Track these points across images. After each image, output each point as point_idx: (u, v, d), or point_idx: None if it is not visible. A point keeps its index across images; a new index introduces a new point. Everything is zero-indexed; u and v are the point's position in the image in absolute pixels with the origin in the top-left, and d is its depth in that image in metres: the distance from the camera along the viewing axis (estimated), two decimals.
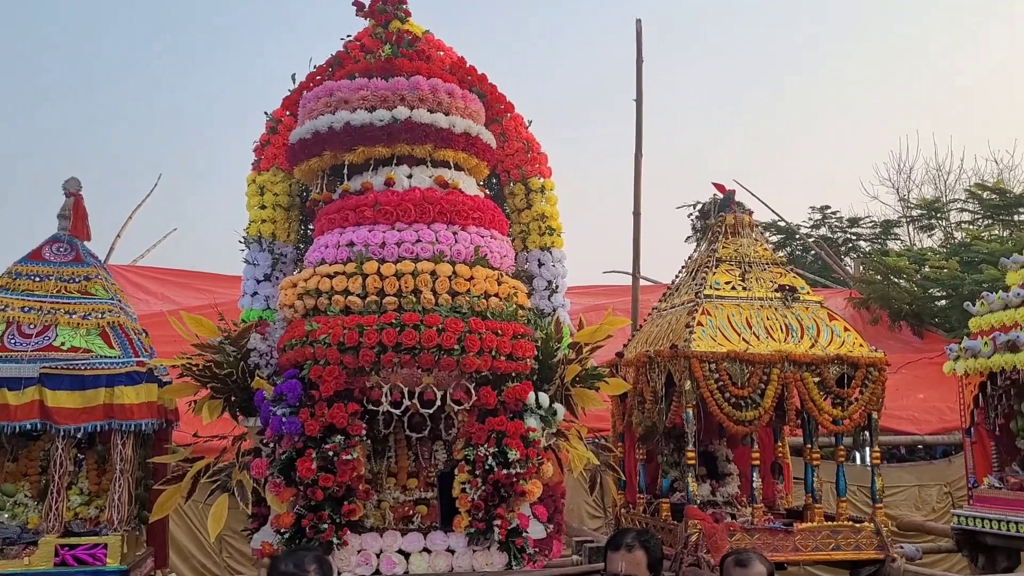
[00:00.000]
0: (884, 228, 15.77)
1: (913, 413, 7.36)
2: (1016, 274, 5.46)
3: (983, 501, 5.35)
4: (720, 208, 4.97)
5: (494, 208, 4.37)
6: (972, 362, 5.39)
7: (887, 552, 4.20)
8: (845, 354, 4.43)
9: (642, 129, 7.26)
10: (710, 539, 4.04)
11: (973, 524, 5.31)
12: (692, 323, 4.41)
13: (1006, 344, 5.09)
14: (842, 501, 4.51)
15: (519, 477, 3.68)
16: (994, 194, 11.68)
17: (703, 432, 4.84)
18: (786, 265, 4.88)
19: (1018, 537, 4.98)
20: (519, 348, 3.82)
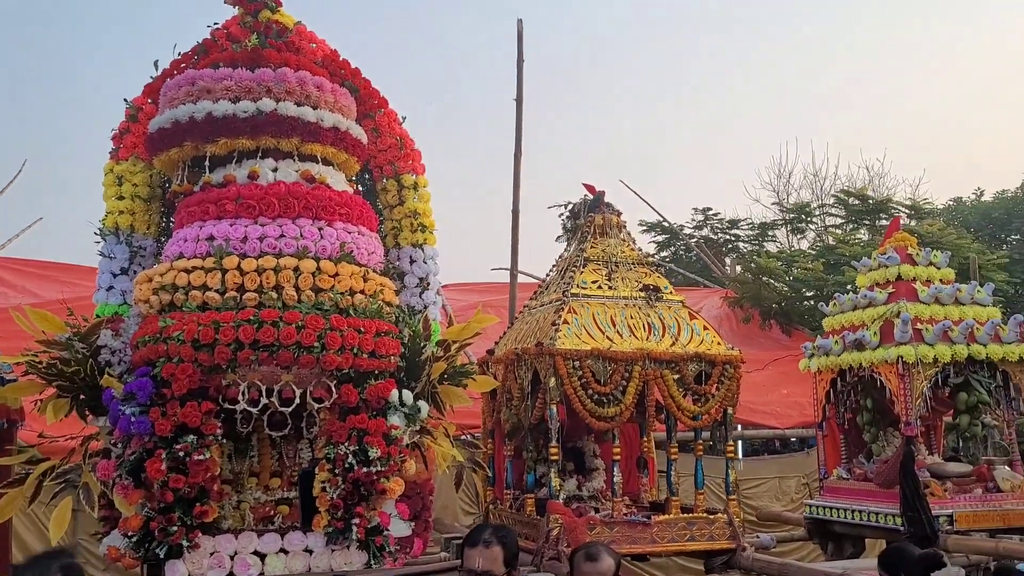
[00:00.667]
0: (761, 230, 16.45)
1: (776, 408, 7.71)
2: (865, 277, 5.80)
3: (832, 491, 5.66)
4: (590, 209, 5.07)
5: (363, 204, 4.34)
6: (824, 360, 5.70)
7: (738, 542, 4.40)
8: (704, 352, 4.60)
9: (522, 128, 7.37)
10: (571, 533, 4.13)
11: (823, 513, 5.62)
12: (558, 321, 4.49)
13: (854, 343, 5.39)
14: (699, 494, 4.69)
15: (380, 475, 3.67)
16: (858, 200, 12.36)
17: (572, 428, 4.94)
18: (651, 265, 5.04)
19: (862, 525, 5.30)
20: (382, 345, 3.81)
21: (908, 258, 5.59)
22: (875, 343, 5.25)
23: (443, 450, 4.17)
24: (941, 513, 4.85)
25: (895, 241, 5.74)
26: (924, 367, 5.05)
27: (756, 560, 4.26)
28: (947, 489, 5.03)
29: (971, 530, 4.85)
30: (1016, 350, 5.17)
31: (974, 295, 5.42)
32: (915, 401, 5.02)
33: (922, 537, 4.79)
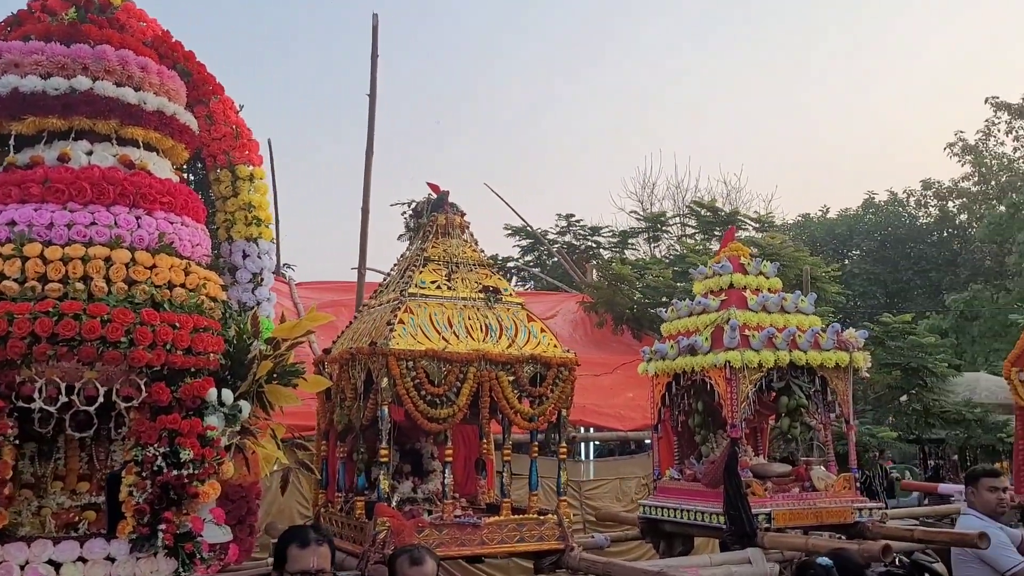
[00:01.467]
0: (622, 238, 16.92)
1: (620, 411, 7.90)
2: (701, 284, 6.01)
3: (664, 492, 5.84)
4: (433, 208, 5.03)
5: (188, 193, 4.13)
6: (660, 364, 5.87)
7: (567, 542, 4.44)
8: (539, 354, 4.64)
9: (374, 126, 7.25)
10: (398, 536, 4.06)
11: (655, 513, 5.78)
12: (393, 321, 4.42)
13: (687, 348, 5.58)
14: (533, 495, 4.72)
15: (193, 478, 3.49)
16: (709, 212, 12.88)
17: (411, 430, 4.87)
18: (492, 267, 5.03)
19: (690, 524, 5.48)
20: (201, 342, 3.63)
21: (740, 267, 5.83)
22: (707, 348, 5.44)
23: (267, 452, 4.03)
24: (760, 511, 5.07)
25: (729, 251, 5.98)
26: (750, 371, 5.27)
27: (583, 560, 4.32)
28: (767, 488, 5.26)
29: (787, 527, 5.10)
30: (833, 357, 5.47)
31: (798, 304, 5.71)
32: (740, 404, 5.23)
33: (741, 535, 5.00)
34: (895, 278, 34.06)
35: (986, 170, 32.10)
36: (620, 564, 4.14)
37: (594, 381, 8.79)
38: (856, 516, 5.33)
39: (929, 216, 36.02)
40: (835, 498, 5.37)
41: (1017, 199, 26.38)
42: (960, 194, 33.74)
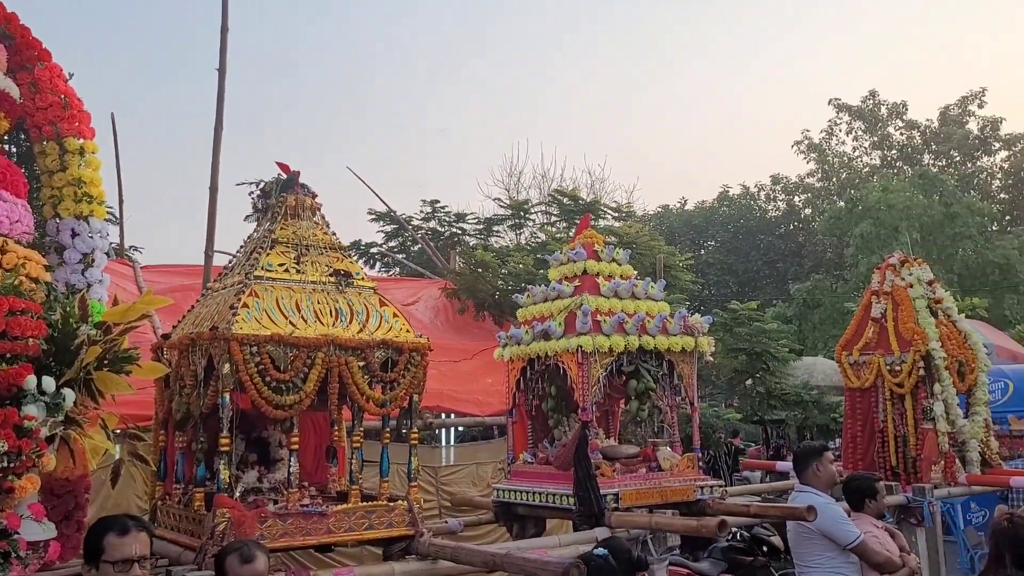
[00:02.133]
0: (487, 225, 16.98)
1: (479, 396, 7.93)
2: (556, 270, 6.09)
3: (517, 475, 5.90)
4: (283, 188, 4.86)
5: (7, 165, 3.83)
6: (516, 349, 5.92)
7: (417, 528, 4.41)
8: (391, 339, 4.57)
9: (223, 101, 6.93)
10: (239, 527, 3.92)
11: (508, 496, 5.84)
12: (237, 305, 4.24)
13: (541, 333, 5.65)
14: (384, 482, 4.65)
15: (8, 471, 3.25)
16: (571, 200, 13.12)
17: (257, 418, 4.70)
18: (344, 250, 4.91)
19: (542, 506, 5.56)
20: (18, 326, 3.38)
21: (594, 254, 5.94)
22: (560, 333, 5.52)
23: (96, 444, 3.80)
24: (609, 492, 5.20)
25: (584, 238, 6.09)
26: (601, 356, 5.39)
27: (432, 545, 4.29)
28: (616, 469, 5.40)
29: (634, 506, 5.25)
30: (680, 342, 5.67)
31: (648, 291, 5.88)
32: (592, 388, 5.34)
33: (590, 515, 5.11)
34: (746, 268, 35.83)
35: (828, 167, 34.18)
36: (468, 548, 4.14)
37: (453, 367, 8.80)
38: (698, 494, 5.56)
39: (777, 210, 38.05)
40: (679, 477, 5.57)
41: (855, 195, 28.25)
42: (805, 189, 35.80)
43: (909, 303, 7.35)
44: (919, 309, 7.30)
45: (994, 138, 31.21)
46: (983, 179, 31.41)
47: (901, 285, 7.51)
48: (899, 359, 7.23)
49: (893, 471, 7.17)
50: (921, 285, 7.47)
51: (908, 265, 7.63)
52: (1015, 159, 30.63)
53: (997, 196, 30.64)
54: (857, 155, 34.30)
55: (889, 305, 7.51)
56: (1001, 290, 23.97)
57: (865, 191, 27.11)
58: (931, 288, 7.54)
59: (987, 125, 31.28)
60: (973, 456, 7.20)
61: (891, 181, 26.73)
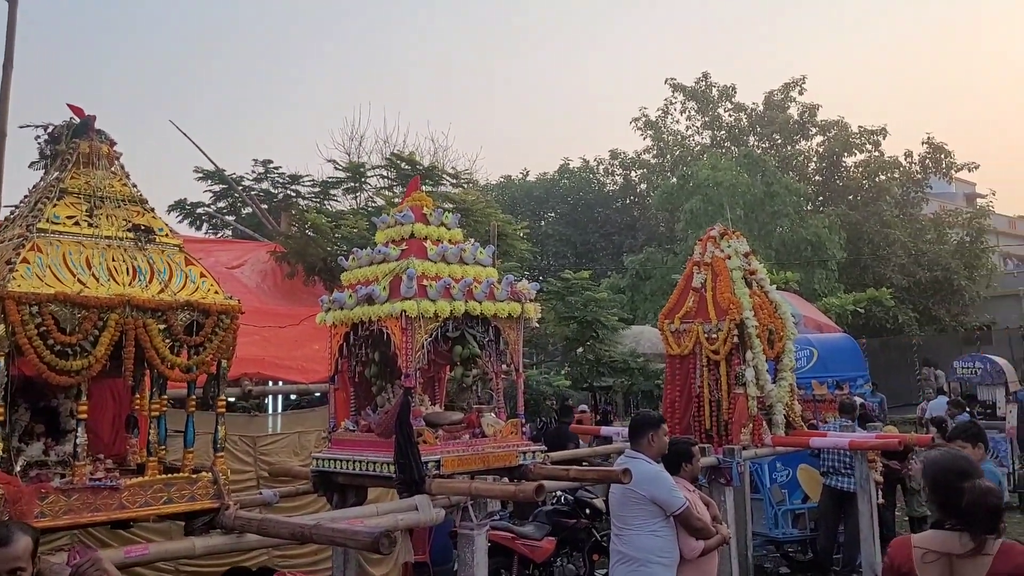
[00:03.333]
0: (323, 188, 16.42)
1: (303, 363, 7.65)
2: (383, 233, 5.91)
3: (338, 443, 5.72)
4: (75, 134, 4.39)
5: None
6: (339, 313, 5.71)
7: (222, 500, 4.16)
8: (197, 300, 4.25)
9: (14, 36, 6.20)
10: (15, 504, 3.54)
11: (328, 465, 5.65)
12: (15, 260, 3.81)
13: (365, 297, 5.46)
14: (188, 452, 4.34)
15: None
16: (408, 165, 12.87)
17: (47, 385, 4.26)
18: (146, 204, 4.52)
19: (362, 475, 5.41)
20: None
21: (423, 217, 5.80)
22: (384, 297, 5.36)
23: None
24: (430, 459, 5.12)
25: (412, 201, 5.93)
26: (426, 321, 5.27)
27: (238, 518, 4.06)
28: (438, 436, 5.33)
29: (456, 473, 5.20)
30: (506, 307, 5.64)
31: (476, 256, 5.81)
32: (416, 354, 5.23)
33: (410, 482, 5.02)
34: (584, 240, 36.81)
35: (664, 145, 35.48)
36: (275, 519, 3.95)
37: (279, 333, 8.44)
38: (520, 459, 5.58)
39: (615, 184, 39.26)
40: (502, 443, 5.57)
41: (686, 172, 29.49)
42: (641, 165, 37.06)
43: (727, 274, 7.68)
44: (735, 280, 7.66)
45: (811, 123, 33.39)
46: (800, 161, 33.56)
47: (720, 256, 7.85)
48: (716, 327, 7.56)
49: (707, 434, 7.52)
50: (738, 257, 7.83)
51: (727, 237, 7.98)
52: (829, 144, 32.88)
53: (812, 178, 32.84)
54: (690, 134, 35.80)
55: (709, 275, 7.82)
56: (812, 265, 25.79)
57: (696, 168, 28.34)
58: (747, 260, 7.92)
59: (806, 111, 33.41)
60: (779, 419, 7.66)
61: (719, 160, 28.06)
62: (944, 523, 3.25)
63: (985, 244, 32.90)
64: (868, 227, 30.03)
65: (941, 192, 39.71)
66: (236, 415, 7.26)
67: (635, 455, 5.36)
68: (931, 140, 32.88)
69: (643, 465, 5.25)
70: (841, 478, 9.32)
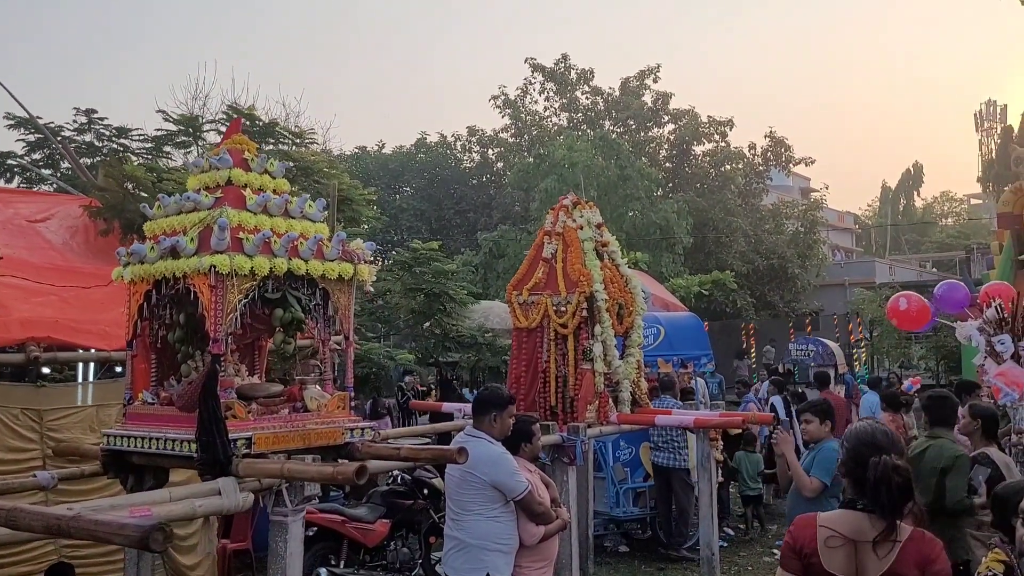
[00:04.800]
0: (156, 144, 15.07)
1: (107, 328, 6.73)
2: (195, 179, 5.16)
3: (135, 418, 4.96)
4: None
5: None
6: (139, 268, 4.94)
7: None
8: None
9: None
10: None
11: (121, 444, 4.88)
12: None
13: (169, 249, 4.73)
14: None
15: None
16: (246, 120, 11.89)
17: None
18: None
19: (160, 454, 4.69)
20: None
21: (243, 163, 5.09)
22: (191, 250, 4.65)
23: None
24: (240, 436, 4.47)
25: (232, 143, 5.21)
26: (240, 279, 4.60)
27: None
28: (251, 411, 4.69)
29: (271, 452, 4.58)
30: (336, 268, 5.05)
31: (305, 209, 5.17)
32: (227, 316, 4.55)
33: (214, 463, 4.36)
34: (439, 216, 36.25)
35: (521, 124, 35.40)
36: (27, 509, 3.22)
37: (81, 295, 7.45)
38: (347, 437, 5.01)
39: (472, 161, 38.87)
40: (327, 419, 4.98)
41: (543, 152, 29.48)
42: (499, 144, 36.85)
43: (578, 244, 7.37)
44: (587, 251, 7.35)
45: (664, 111, 34.19)
46: (653, 148, 34.32)
47: (572, 226, 7.52)
48: (565, 299, 7.24)
49: (552, 410, 7.21)
50: (590, 227, 7.53)
51: (580, 207, 7.66)
52: (680, 131, 33.76)
53: (663, 164, 33.64)
54: (548, 115, 35.88)
55: (560, 246, 7.49)
56: (660, 249, 26.36)
57: (552, 148, 28.34)
58: (599, 231, 7.64)
59: (659, 98, 34.17)
60: (625, 396, 7.44)
61: (576, 141, 28.17)
62: (856, 502, 2.92)
63: (817, 235, 34.77)
64: (713, 214, 31.07)
65: (779, 184, 41.75)
66: (18, 385, 6.30)
67: (476, 434, 4.90)
68: (773, 134, 34.45)
69: (484, 445, 4.80)
70: (661, 453, 9.30)
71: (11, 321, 6.13)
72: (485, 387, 5.41)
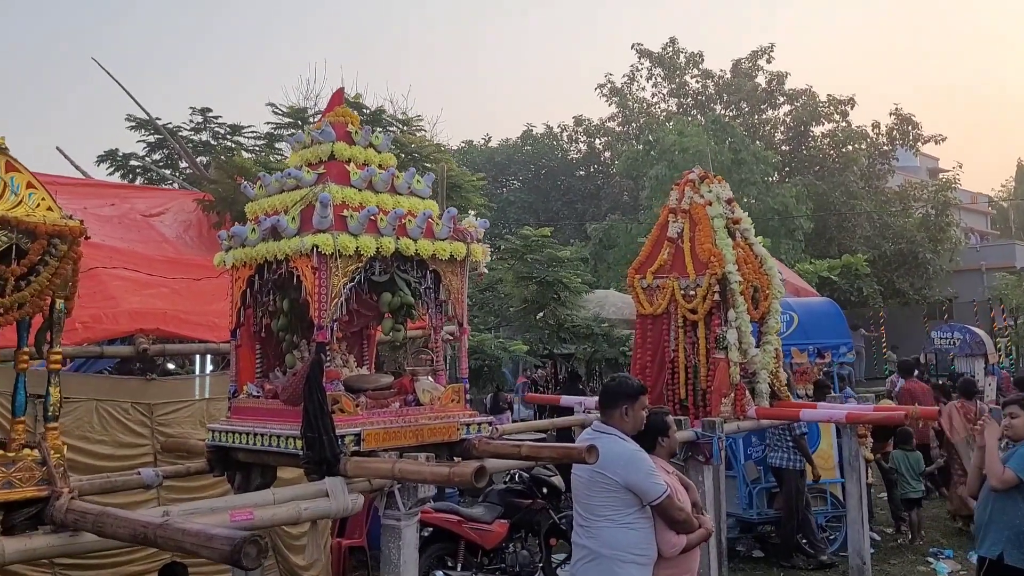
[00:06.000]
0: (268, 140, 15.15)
1: (215, 319, 6.51)
2: (297, 155, 4.82)
3: (240, 412, 4.65)
4: None
5: None
6: (240, 252, 4.62)
7: (54, 486, 3.08)
8: (19, 218, 3.13)
9: None
10: None
11: (226, 439, 4.58)
12: None
13: (270, 230, 4.38)
14: (17, 422, 3.25)
15: None
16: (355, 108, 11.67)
17: None
18: None
19: (266, 451, 4.35)
20: None
21: (346, 136, 4.71)
22: (293, 230, 4.29)
23: None
24: (348, 432, 4.08)
25: (334, 116, 4.82)
26: (344, 260, 4.21)
27: (71, 511, 2.99)
28: (360, 404, 4.29)
29: (381, 449, 4.17)
30: (448, 247, 4.60)
31: (413, 185, 4.74)
32: (332, 301, 4.17)
33: (321, 461, 3.98)
34: (546, 208, 35.78)
35: (628, 112, 34.48)
36: (115, 514, 2.88)
37: (192, 286, 7.29)
38: (463, 432, 4.56)
39: (579, 152, 38.20)
40: (440, 413, 4.55)
41: (652, 139, 28.56)
42: (606, 133, 36.05)
43: (707, 222, 6.70)
44: (717, 229, 6.68)
45: (779, 92, 32.62)
46: (768, 131, 32.81)
47: (700, 203, 6.86)
48: (694, 283, 6.58)
49: (682, 404, 6.58)
50: (720, 203, 6.85)
51: (708, 182, 6.99)
52: (796, 113, 32.16)
53: (779, 148, 32.11)
54: (656, 101, 34.85)
55: (686, 224, 6.83)
56: (779, 235, 25.06)
57: (661, 134, 27.40)
58: (730, 208, 6.94)
59: (774, 79, 32.62)
60: (763, 388, 6.73)
61: (686, 126, 27.14)
62: None
63: (950, 217, 32.52)
64: (834, 198, 29.46)
65: (906, 165, 39.30)
66: (128, 378, 6.14)
67: (606, 429, 4.35)
68: (899, 111, 32.37)
69: (616, 442, 4.24)
70: (775, 453, 8.62)
71: (120, 313, 5.97)
72: (613, 377, 4.83)
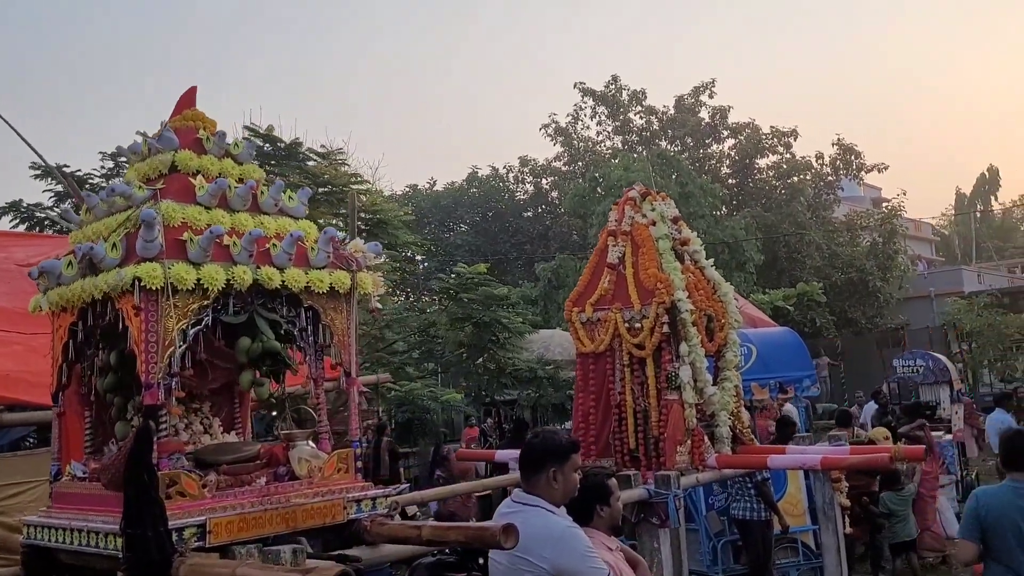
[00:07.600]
0: None
1: None
2: (133, 169, 3.85)
3: (61, 500, 3.60)
4: None
5: None
6: (56, 293, 3.61)
7: None
8: None
9: None
10: None
11: (43, 537, 3.52)
12: None
13: (85, 262, 3.39)
14: None
15: None
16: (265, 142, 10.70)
17: None
18: None
19: (88, 552, 3.31)
20: None
21: (195, 143, 3.77)
22: (113, 261, 3.31)
23: None
24: (188, 523, 3.08)
25: (181, 120, 3.87)
26: (183, 298, 3.25)
27: None
28: (208, 485, 3.28)
29: (235, 543, 3.17)
30: (327, 278, 3.66)
31: (280, 201, 3.81)
32: (164, 351, 3.18)
33: (144, 564, 2.95)
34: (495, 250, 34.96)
35: (574, 151, 34.09)
36: None
37: None
38: (352, 511, 3.57)
39: (526, 192, 37.63)
40: (321, 488, 3.56)
41: (598, 175, 28.07)
42: (552, 172, 35.56)
43: (652, 244, 5.86)
44: (663, 251, 5.84)
45: (723, 126, 32.52)
46: (714, 164, 32.62)
47: (642, 223, 6.02)
48: (640, 314, 5.71)
49: (632, 455, 5.66)
50: (665, 223, 6.02)
51: (651, 199, 6.16)
52: (741, 145, 32.03)
53: (726, 181, 31.88)
54: (601, 139, 34.53)
55: (628, 247, 5.99)
56: (730, 268, 24.56)
57: (607, 170, 26.91)
58: (677, 227, 6.11)
59: (716, 113, 32.52)
60: (723, 432, 5.85)
61: (632, 161, 26.70)
62: None
63: (897, 245, 32.47)
64: (783, 229, 29.21)
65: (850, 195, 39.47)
66: None
67: (528, 500, 3.38)
68: (841, 141, 32.46)
69: (541, 517, 3.28)
70: (737, 504, 7.75)
71: None
72: (535, 432, 3.88)
